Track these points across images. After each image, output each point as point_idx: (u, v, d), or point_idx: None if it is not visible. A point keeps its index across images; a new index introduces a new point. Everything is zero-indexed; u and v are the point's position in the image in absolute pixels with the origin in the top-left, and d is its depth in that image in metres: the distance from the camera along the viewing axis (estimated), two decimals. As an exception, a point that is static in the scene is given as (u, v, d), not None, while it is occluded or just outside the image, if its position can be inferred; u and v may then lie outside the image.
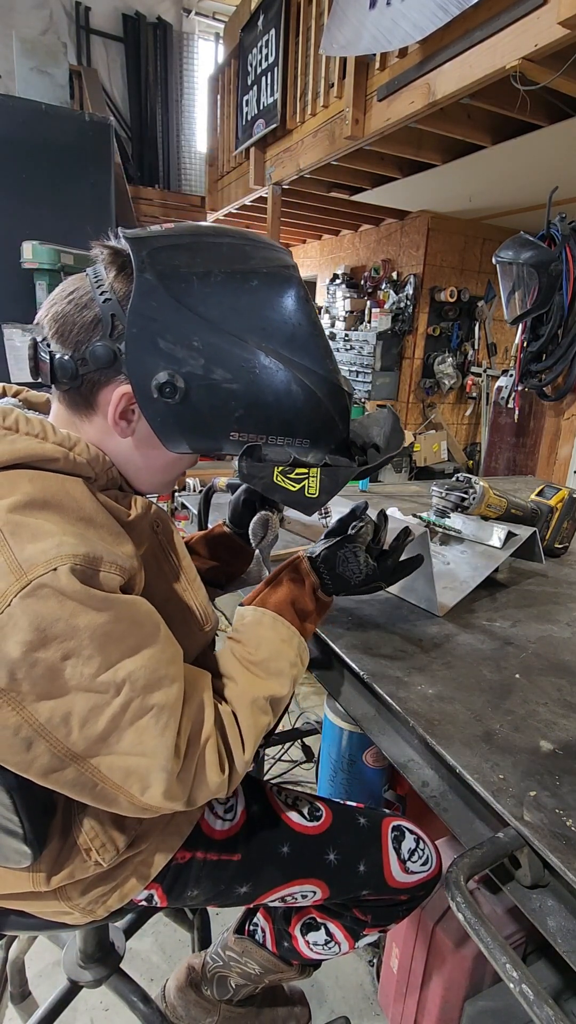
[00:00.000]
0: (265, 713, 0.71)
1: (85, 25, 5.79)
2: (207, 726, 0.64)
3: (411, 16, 2.30)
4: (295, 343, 0.65)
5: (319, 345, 0.67)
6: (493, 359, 5.21)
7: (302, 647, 0.78)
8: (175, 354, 0.62)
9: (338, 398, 0.69)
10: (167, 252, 0.63)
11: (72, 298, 0.64)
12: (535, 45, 1.99)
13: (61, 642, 0.54)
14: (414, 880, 0.89)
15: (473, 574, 1.18)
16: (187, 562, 0.77)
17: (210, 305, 0.62)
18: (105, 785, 0.59)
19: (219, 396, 0.64)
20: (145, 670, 0.58)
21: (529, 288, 2.37)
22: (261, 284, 0.64)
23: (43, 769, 0.57)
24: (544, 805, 0.65)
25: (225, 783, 0.65)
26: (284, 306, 0.65)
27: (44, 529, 0.56)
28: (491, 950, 0.53)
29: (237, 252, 0.65)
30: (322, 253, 6.41)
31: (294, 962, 1.03)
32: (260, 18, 3.76)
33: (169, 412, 0.64)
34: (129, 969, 1.10)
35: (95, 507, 0.63)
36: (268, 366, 0.64)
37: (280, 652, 0.75)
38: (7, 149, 3.19)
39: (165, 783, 0.59)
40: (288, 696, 0.75)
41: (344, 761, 1.39)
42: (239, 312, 0.63)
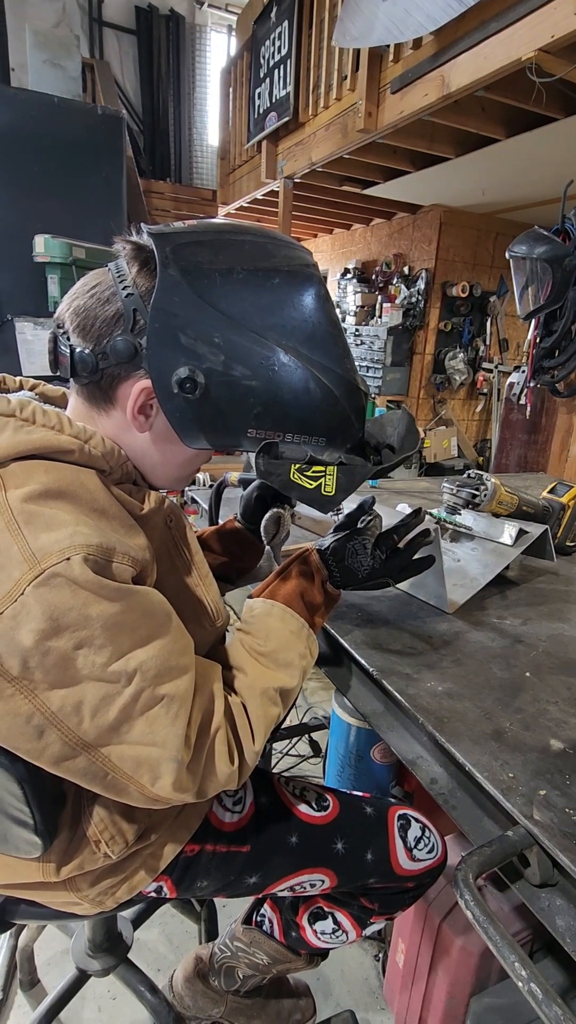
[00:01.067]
0: (275, 704, 0.71)
1: (98, 18, 5.78)
2: (217, 717, 0.64)
3: (425, 7, 2.27)
4: (314, 341, 0.65)
5: (338, 344, 0.67)
6: (505, 355, 5.16)
7: (311, 639, 0.79)
8: (196, 350, 0.62)
9: (355, 397, 0.69)
10: (190, 248, 0.63)
11: (94, 292, 0.64)
12: (552, 36, 1.96)
13: (74, 631, 0.54)
14: (420, 868, 0.89)
15: (483, 571, 1.17)
16: (199, 557, 0.78)
17: (231, 302, 0.63)
18: (116, 775, 0.60)
19: (238, 392, 0.64)
20: (156, 660, 0.59)
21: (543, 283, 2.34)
22: (282, 282, 0.64)
23: (54, 757, 0.58)
24: (554, 804, 0.65)
25: (235, 774, 0.65)
26: (304, 304, 0.65)
27: (58, 519, 0.57)
28: (500, 948, 0.53)
29: (259, 250, 0.66)
30: (333, 247, 6.38)
31: (302, 952, 1.03)
32: (273, 10, 3.73)
33: (188, 407, 0.64)
34: (137, 959, 1.11)
35: (108, 499, 0.63)
36: (287, 364, 0.64)
37: (289, 643, 0.75)
38: (20, 142, 3.20)
39: (175, 773, 0.60)
40: (297, 688, 0.75)
41: (352, 756, 1.39)
42: (260, 309, 0.64)
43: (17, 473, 0.59)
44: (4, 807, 0.66)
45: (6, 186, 3.21)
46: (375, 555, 0.85)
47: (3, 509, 0.56)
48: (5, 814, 0.66)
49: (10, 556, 0.54)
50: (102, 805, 0.72)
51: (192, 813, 0.80)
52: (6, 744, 0.58)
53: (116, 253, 0.67)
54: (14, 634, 0.53)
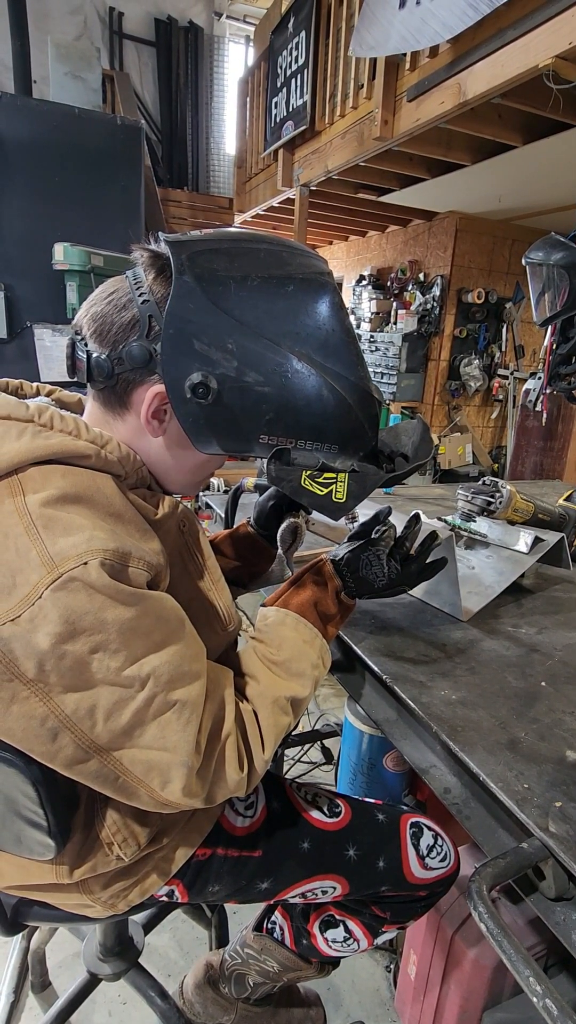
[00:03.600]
0: (286, 713, 0.71)
1: (118, 30, 5.87)
2: (228, 723, 0.65)
3: (441, 15, 2.28)
4: (328, 349, 0.66)
5: (351, 352, 0.67)
6: (520, 361, 5.13)
7: (324, 649, 0.78)
8: (209, 356, 0.63)
9: (368, 405, 0.69)
10: (206, 256, 0.64)
11: (111, 299, 0.66)
12: (569, 43, 1.96)
13: (89, 635, 0.55)
14: (433, 876, 0.89)
15: (498, 579, 1.16)
16: (212, 562, 0.78)
17: (246, 309, 0.63)
18: (127, 778, 0.60)
19: (251, 398, 0.65)
20: (169, 666, 0.59)
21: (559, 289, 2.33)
22: (297, 290, 0.65)
23: (67, 760, 0.58)
24: (570, 816, 0.64)
25: (244, 781, 0.65)
26: (319, 312, 0.65)
27: (76, 523, 0.57)
28: (514, 962, 0.52)
29: (274, 258, 0.66)
30: (348, 254, 6.40)
31: (313, 960, 1.03)
32: (291, 20, 3.77)
33: (201, 413, 0.65)
34: (147, 964, 1.11)
35: (124, 503, 0.64)
36: (300, 371, 0.65)
37: (302, 653, 0.75)
38: (41, 153, 3.25)
39: (185, 778, 0.60)
40: (309, 697, 0.75)
41: (364, 764, 1.38)
42: (274, 316, 0.64)
43: (35, 477, 0.60)
44: (18, 809, 0.66)
45: (27, 195, 3.26)
46: (390, 565, 0.85)
47: (22, 513, 0.57)
48: (19, 816, 0.67)
49: (29, 560, 0.55)
50: (114, 808, 0.72)
51: (204, 817, 0.80)
52: (21, 746, 0.59)
53: (134, 261, 0.68)
54: (31, 637, 0.54)
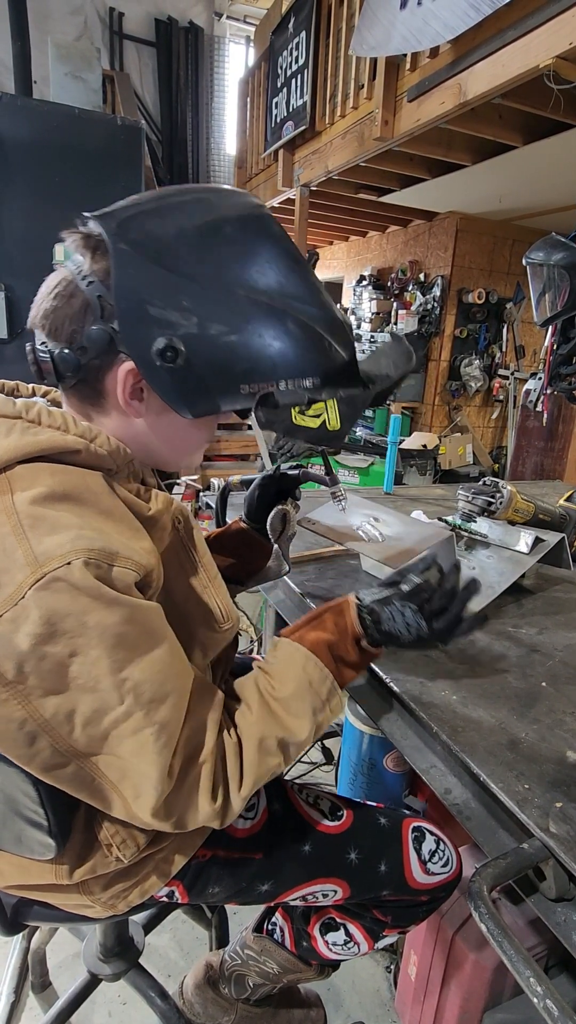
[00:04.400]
0: (272, 755, 0.68)
1: (118, 31, 5.87)
2: (206, 750, 0.63)
3: (442, 16, 2.28)
4: (282, 283, 0.64)
5: (307, 280, 0.65)
6: (521, 362, 5.13)
7: (332, 693, 0.73)
8: (168, 318, 0.61)
9: (339, 330, 0.67)
10: (136, 220, 0.63)
11: (56, 292, 0.64)
12: (569, 43, 1.95)
13: (70, 638, 0.54)
14: (435, 881, 0.88)
15: (499, 579, 1.16)
16: (208, 559, 0.76)
17: (190, 262, 0.62)
18: (102, 781, 0.60)
19: (220, 351, 0.63)
20: (151, 684, 0.58)
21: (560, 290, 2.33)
22: (234, 230, 0.63)
23: (44, 764, 0.58)
24: (571, 817, 0.64)
25: (218, 813, 0.63)
26: (263, 247, 0.63)
27: (63, 522, 0.56)
28: (514, 963, 0.52)
29: (203, 205, 0.64)
30: (349, 254, 6.40)
31: (313, 962, 1.03)
32: (291, 20, 3.77)
33: (175, 377, 0.63)
34: (147, 964, 1.11)
35: (114, 501, 0.63)
36: (261, 311, 0.63)
37: (304, 694, 0.71)
38: (41, 153, 3.25)
39: (155, 799, 0.59)
40: (306, 743, 0.71)
41: (364, 764, 1.38)
42: (220, 263, 0.62)
43: (24, 476, 0.59)
44: (19, 808, 0.66)
45: (27, 196, 3.26)
46: (418, 623, 0.76)
47: (10, 512, 0.56)
48: (20, 815, 0.67)
49: (14, 560, 0.54)
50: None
51: None
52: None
53: (68, 250, 0.66)
54: (12, 637, 0.53)
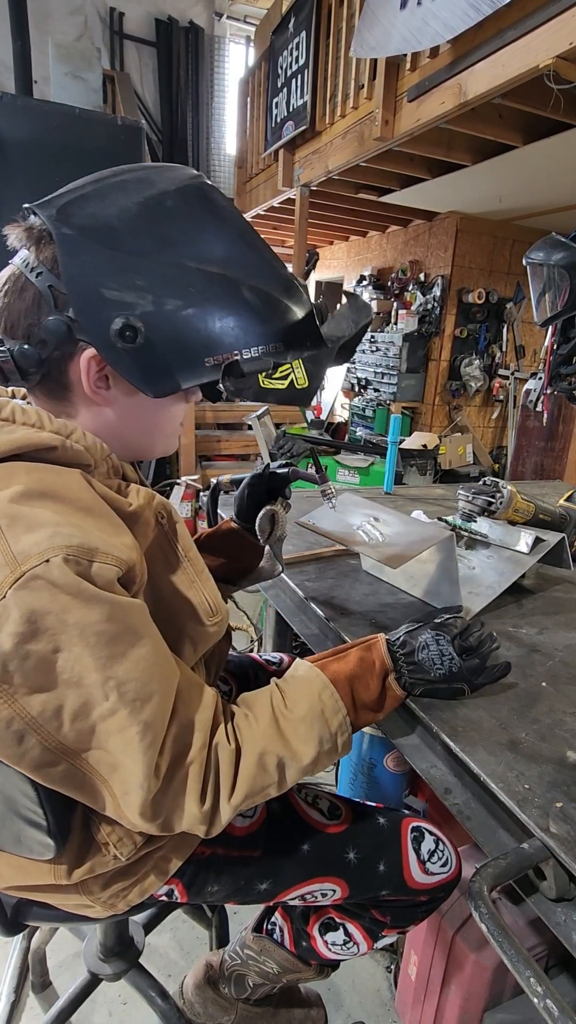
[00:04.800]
0: (269, 773, 0.66)
1: (119, 30, 5.88)
2: (193, 750, 0.62)
3: (442, 16, 2.28)
4: (232, 251, 0.64)
5: (256, 246, 0.65)
6: (521, 362, 5.13)
7: (343, 729, 0.71)
8: (123, 299, 0.61)
9: (294, 292, 0.66)
10: (76, 204, 0.62)
11: (6, 289, 0.63)
12: (570, 43, 1.96)
13: (52, 635, 0.54)
14: (434, 882, 0.88)
15: (499, 579, 1.16)
16: (194, 553, 0.76)
17: (136, 240, 0.61)
18: (93, 777, 0.59)
19: (179, 326, 0.62)
20: (135, 683, 0.57)
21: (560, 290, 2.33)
22: (176, 203, 0.63)
23: (34, 762, 0.57)
24: (571, 817, 0.64)
25: (205, 818, 0.62)
26: (208, 218, 0.63)
27: (40, 519, 0.56)
28: (515, 963, 0.52)
29: (142, 182, 0.64)
30: (349, 254, 6.40)
31: (312, 962, 1.03)
32: (291, 20, 3.77)
33: (138, 357, 0.63)
34: (148, 964, 1.11)
35: (93, 498, 0.62)
36: (215, 282, 0.62)
37: (315, 721, 0.70)
38: (42, 153, 3.25)
39: (142, 797, 0.59)
40: (304, 770, 0.69)
41: (364, 765, 1.38)
42: (166, 238, 0.62)
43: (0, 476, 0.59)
44: (18, 808, 0.66)
45: (28, 196, 3.23)
46: (449, 653, 0.77)
47: None
48: (19, 815, 0.67)
49: None
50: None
51: None
52: None
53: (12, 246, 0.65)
54: None
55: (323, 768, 0.73)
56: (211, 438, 4.30)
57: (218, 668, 0.89)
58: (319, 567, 1.31)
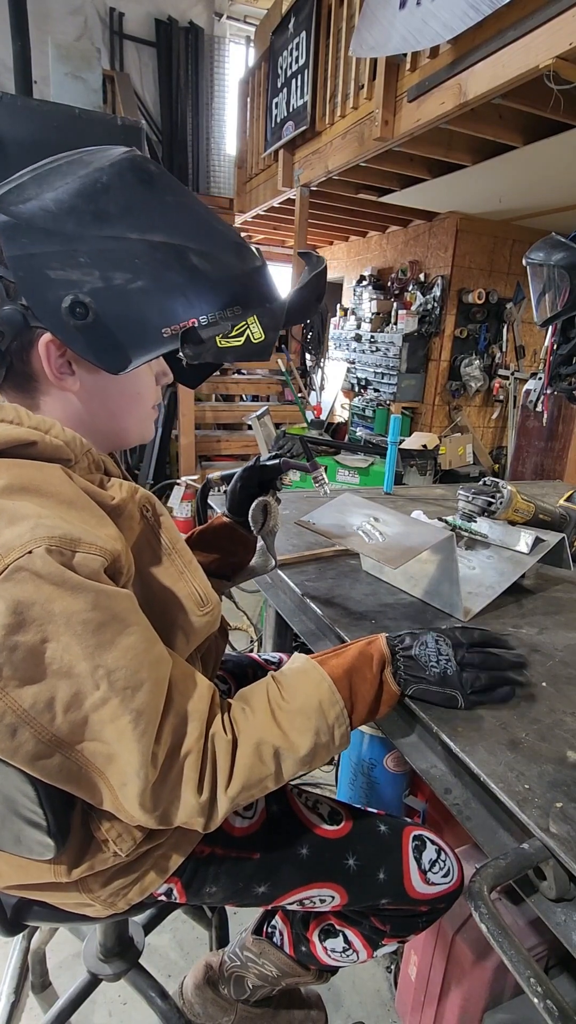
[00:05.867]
0: (265, 764, 0.66)
1: (119, 31, 5.88)
2: (189, 740, 0.62)
3: (441, 16, 2.28)
4: (174, 219, 0.63)
5: (197, 211, 0.65)
6: (521, 362, 5.13)
7: (340, 722, 0.71)
8: (69, 278, 0.61)
9: (242, 250, 0.66)
10: (13, 193, 0.62)
11: None
12: (569, 44, 1.96)
13: (40, 625, 0.54)
14: (434, 892, 0.87)
15: (499, 579, 1.16)
16: (181, 545, 0.75)
17: (75, 218, 0.61)
18: (90, 771, 0.59)
19: (130, 299, 0.62)
20: (125, 671, 0.57)
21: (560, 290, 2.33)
22: (110, 178, 0.62)
23: (29, 756, 0.57)
24: (571, 817, 0.64)
25: (203, 809, 0.62)
26: (144, 188, 0.63)
27: (22, 512, 0.56)
28: (515, 963, 0.52)
29: (76, 163, 0.64)
30: (349, 255, 6.40)
31: (311, 967, 1.02)
32: (291, 21, 3.77)
33: (91, 333, 0.62)
34: (148, 964, 1.11)
35: (75, 491, 0.62)
36: (161, 251, 0.62)
37: (311, 713, 0.69)
38: (42, 153, 3.22)
39: (140, 787, 0.58)
40: (301, 762, 0.68)
41: (364, 765, 1.38)
42: (104, 213, 0.62)
43: None
44: (18, 808, 0.66)
45: (27, 196, 3.27)
46: (448, 655, 0.77)
47: None
48: (19, 815, 0.67)
49: None
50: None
51: None
52: None
53: None
54: None
55: (321, 762, 0.72)
56: (211, 438, 4.30)
57: (215, 664, 0.88)
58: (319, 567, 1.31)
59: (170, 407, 3.95)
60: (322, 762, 0.72)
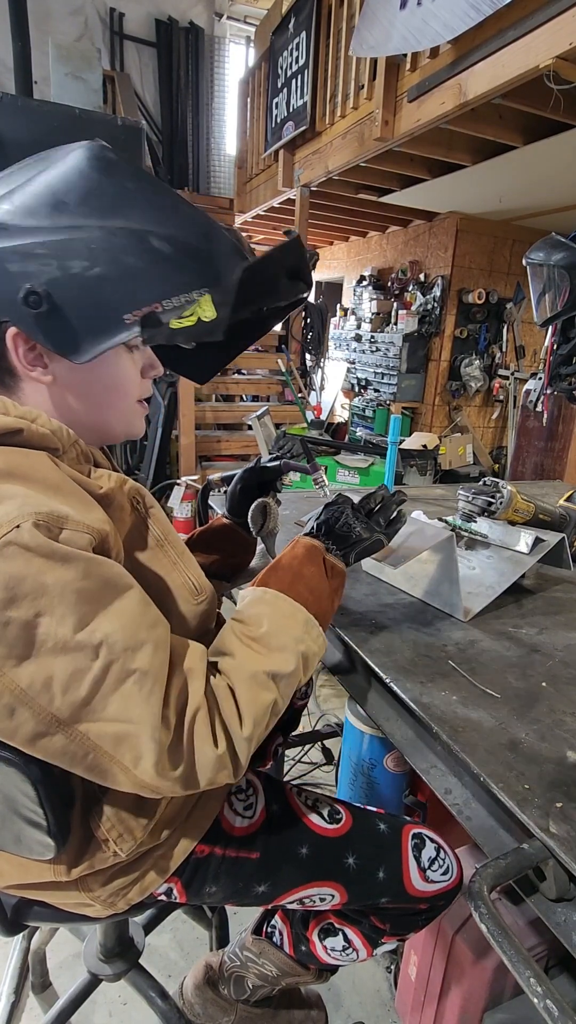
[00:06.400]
0: (267, 689, 0.66)
1: (119, 31, 5.88)
2: (195, 696, 0.61)
3: (442, 16, 2.28)
4: (135, 204, 0.63)
5: (161, 197, 0.64)
6: (521, 362, 5.13)
7: (310, 623, 0.74)
8: (26, 269, 0.61)
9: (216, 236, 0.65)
10: None
11: None
12: (570, 44, 1.96)
13: (32, 600, 0.53)
14: (434, 890, 0.87)
15: (499, 579, 1.16)
16: (173, 536, 0.76)
17: (32, 211, 0.61)
18: (97, 755, 0.58)
19: (88, 287, 0.62)
20: (123, 633, 0.57)
21: (560, 290, 2.33)
22: (69, 170, 0.62)
23: (28, 736, 0.56)
24: (571, 817, 0.64)
25: (224, 760, 0.61)
26: (97, 176, 0.63)
27: (8, 493, 0.56)
28: (515, 963, 0.52)
29: (40, 159, 0.64)
30: (349, 255, 6.40)
31: (311, 966, 1.02)
32: (291, 21, 3.77)
33: (48, 321, 0.62)
34: (148, 965, 1.11)
35: (61, 477, 0.63)
36: (120, 237, 0.62)
37: (282, 626, 0.71)
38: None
39: (156, 754, 0.57)
40: (295, 675, 0.70)
41: (365, 765, 1.38)
42: (63, 205, 0.62)
43: None
44: (18, 808, 0.66)
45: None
46: (356, 517, 0.87)
47: None
48: (19, 815, 0.67)
49: None
50: (110, 804, 0.71)
51: (202, 813, 0.80)
52: None
53: None
54: None
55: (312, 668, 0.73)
56: (211, 438, 4.29)
57: None
58: (319, 567, 1.31)
59: (170, 407, 3.95)
60: (312, 668, 0.74)
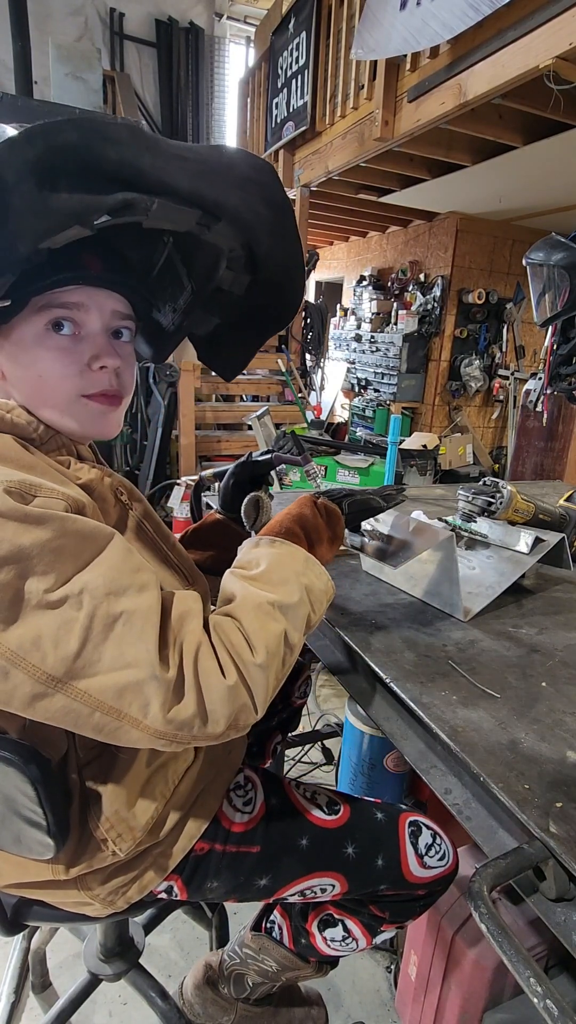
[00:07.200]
0: (273, 619, 0.65)
1: (119, 31, 5.88)
2: (193, 634, 0.60)
3: (441, 16, 2.28)
4: None
5: None
6: (521, 362, 5.13)
7: (310, 560, 0.74)
8: None
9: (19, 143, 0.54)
10: None
11: None
12: (569, 44, 1.96)
13: (12, 563, 0.54)
14: (431, 875, 0.88)
15: (499, 579, 1.16)
16: (163, 530, 0.76)
17: None
18: (101, 712, 0.56)
19: None
20: (104, 579, 0.57)
21: (560, 290, 2.33)
22: None
23: (26, 698, 0.55)
24: (571, 817, 0.64)
25: (237, 689, 0.59)
26: None
27: None
28: (514, 963, 0.52)
29: None
30: (349, 255, 6.40)
31: (311, 959, 1.03)
32: (291, 21, 3.77)
33: None
34: (148, 964, 1.11)
35: (35, 459, 0.64)
36: None
37: (281, 563, 0.71)
38: (41, 153, 3.26)
39: (162, 695, 0.56)
40: (301, 605, 0.68)
41: (365, 765, 1.38)
42: None
43: None
44: (17, 808, 0.66)
45: (27, 196, 3.27)
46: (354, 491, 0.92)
47: None
48: (19, 815, 0.67)
49: None
50: (108, 802, 0.71)
51: (201, 811, 0.80)
52: None
53: None
54: None
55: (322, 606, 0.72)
56: (211, 438, 4.29)
57: None
58: (319, 567, 1.31)
59: (170, 407, 3.95)
60: (321, 606, 0.72)
